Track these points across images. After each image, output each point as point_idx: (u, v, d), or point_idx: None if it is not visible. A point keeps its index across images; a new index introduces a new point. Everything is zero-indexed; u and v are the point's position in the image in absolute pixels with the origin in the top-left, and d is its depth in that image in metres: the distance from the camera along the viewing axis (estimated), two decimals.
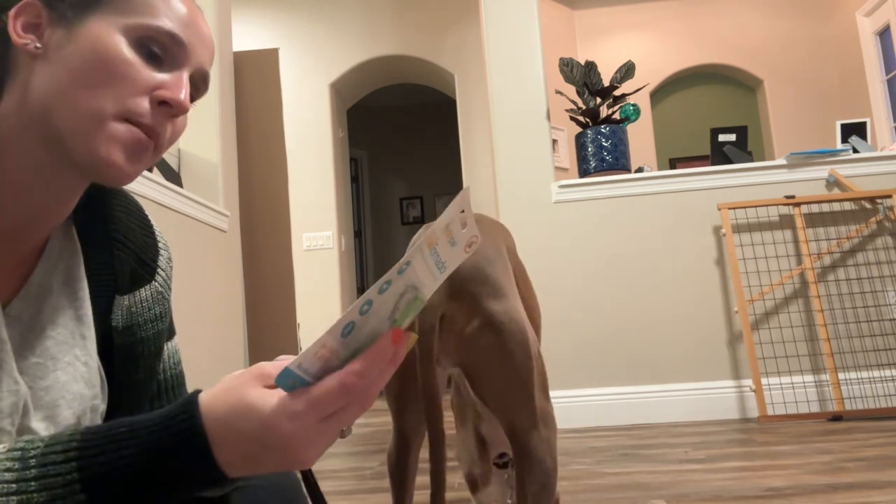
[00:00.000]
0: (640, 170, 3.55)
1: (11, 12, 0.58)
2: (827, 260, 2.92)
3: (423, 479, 1.91)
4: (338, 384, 0.47)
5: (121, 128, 0.57)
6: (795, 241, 2.95)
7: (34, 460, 0.47)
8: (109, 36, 0.57)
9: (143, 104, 0.57)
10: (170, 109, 0.59)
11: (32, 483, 0.46)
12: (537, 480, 0.66)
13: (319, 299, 4.87)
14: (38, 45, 0.57)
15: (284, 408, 0.47)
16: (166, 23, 0.59)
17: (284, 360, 0.50)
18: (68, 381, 0.62)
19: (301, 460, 0.48)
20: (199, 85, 0.65)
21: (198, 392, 0.50)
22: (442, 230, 0.47)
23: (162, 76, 0.59)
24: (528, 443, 0.66)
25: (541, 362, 0.69)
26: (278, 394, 0.48)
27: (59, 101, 0.56)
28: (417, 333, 0.63)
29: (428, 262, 0.47)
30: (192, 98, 0.65)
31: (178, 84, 0.59)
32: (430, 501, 0.69)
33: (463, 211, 0.47)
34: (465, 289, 0.66)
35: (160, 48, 0.59)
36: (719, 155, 3.21)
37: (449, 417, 3.44)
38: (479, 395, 0.68)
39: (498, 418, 0.68)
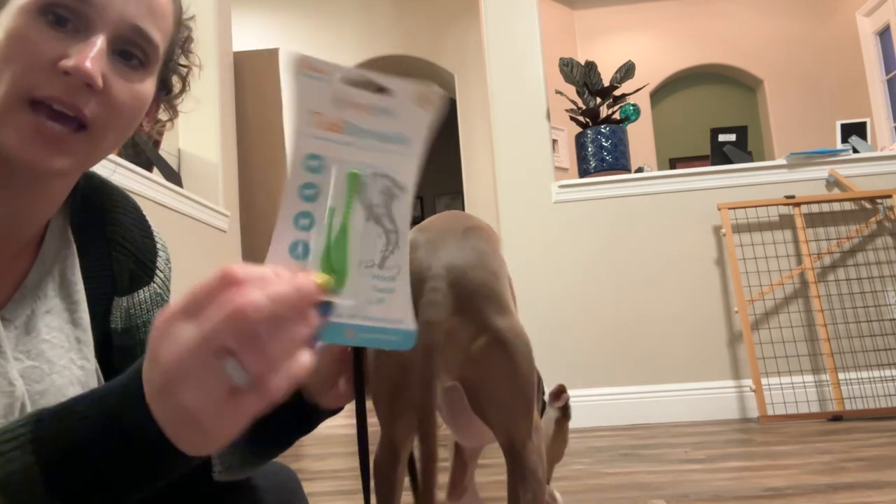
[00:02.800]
0: (640, 170, 3.55)
1: None
2: (827, 260, 2.92)
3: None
4: (217, 275, 0.38)
5: (21, 114, 0.52)
6: (795, 241, 2.95)
7: None
8: (13, 16, 0.53)
9: (41, 77, 0.52)
10: (72, 79, 0.52)
11: None
12: (530, 490, 0.65)
13: None
14: None
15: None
16: None
17: None
18: (64, 385, 0.61)
19: (157, 357, 0.38)
20: (140, 44, 0.57)
21: None
22: (328, 103, 0.41)
23: (71, 45, 0.53)
24: (524, 454, 0.65)
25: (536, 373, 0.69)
26: None
27: None
28: (422, 351, 0.59)
29: (353, 141, 0.42)
30: (143, 61, 0.58)
31: (83, 50, 0.52)
32: None
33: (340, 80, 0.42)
34: (471, 304, 0.63)
35: (66, 11, 0.53)
36: (719, 155, 3.21)
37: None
38: (480, 410, 0.66)
39: (495, 431, 0.67)
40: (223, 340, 0.37)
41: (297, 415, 0.69)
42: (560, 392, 1.12)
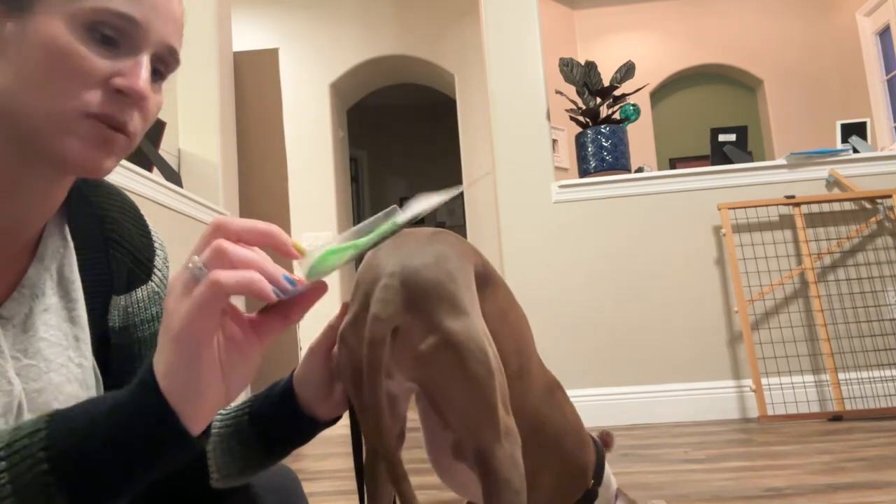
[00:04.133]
0: (640, 170, 3.55)
1: None
2: (827, 260, 2.92)
3: (426, 479, 1.91)
4: (217, 245, 0.47)
5: (83, 124, 0.54)
6: (795, 241, 2.95)
7: (7, 437, 0.46)
8: (56, 28, 0.53)
9: (96, 96, 0.54)
10: (127, 98, 0.55)
11: (3, 462, 0.45)
12: (505, 501, 0.62)
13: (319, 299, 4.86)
14: None
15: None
16: (114, 3, 0.54)
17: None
18: (62, 383, 0.61)
19: (176, 323, 0.46)
20: (168, 61, 0.61)
21: None
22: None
23: (118, 63, 0.55)
24: (492, 461, 0.63)
25: (502, 378, 0.66)
26: None
27: (18, 101, 0.53)
28: (367, 344, 0.61)
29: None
30: (164, 74, 0.61)
31: (134, 70, 0.55)
32: None
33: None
34: (424, 303, 0.62)
35: (113, 31, 0.55)
36: (719, 155, 3.21)
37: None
38: (439, 413, 0.65)
39: (460, 438, 0.65)
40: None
41: (294, 425, 0.70)
42: None
